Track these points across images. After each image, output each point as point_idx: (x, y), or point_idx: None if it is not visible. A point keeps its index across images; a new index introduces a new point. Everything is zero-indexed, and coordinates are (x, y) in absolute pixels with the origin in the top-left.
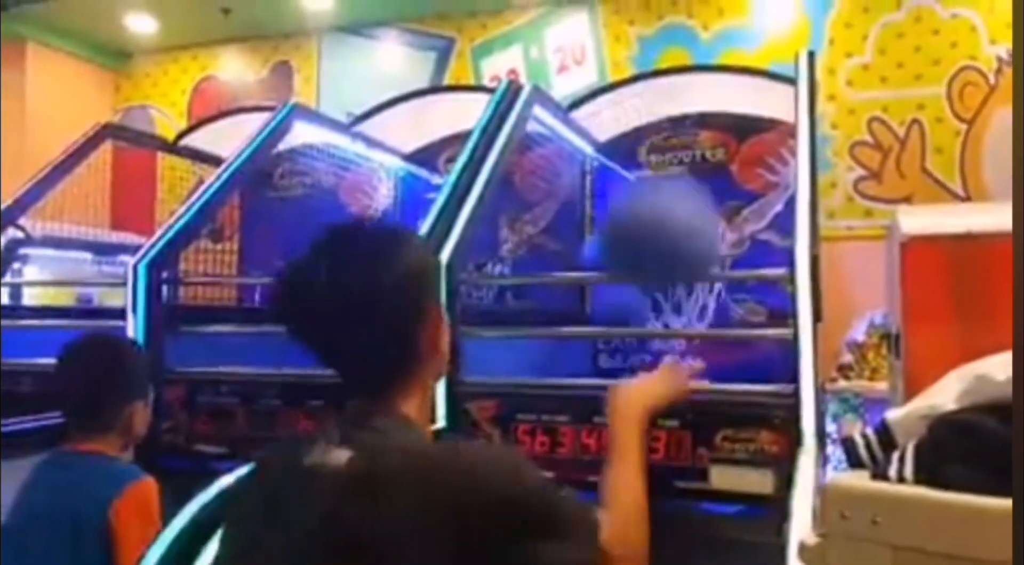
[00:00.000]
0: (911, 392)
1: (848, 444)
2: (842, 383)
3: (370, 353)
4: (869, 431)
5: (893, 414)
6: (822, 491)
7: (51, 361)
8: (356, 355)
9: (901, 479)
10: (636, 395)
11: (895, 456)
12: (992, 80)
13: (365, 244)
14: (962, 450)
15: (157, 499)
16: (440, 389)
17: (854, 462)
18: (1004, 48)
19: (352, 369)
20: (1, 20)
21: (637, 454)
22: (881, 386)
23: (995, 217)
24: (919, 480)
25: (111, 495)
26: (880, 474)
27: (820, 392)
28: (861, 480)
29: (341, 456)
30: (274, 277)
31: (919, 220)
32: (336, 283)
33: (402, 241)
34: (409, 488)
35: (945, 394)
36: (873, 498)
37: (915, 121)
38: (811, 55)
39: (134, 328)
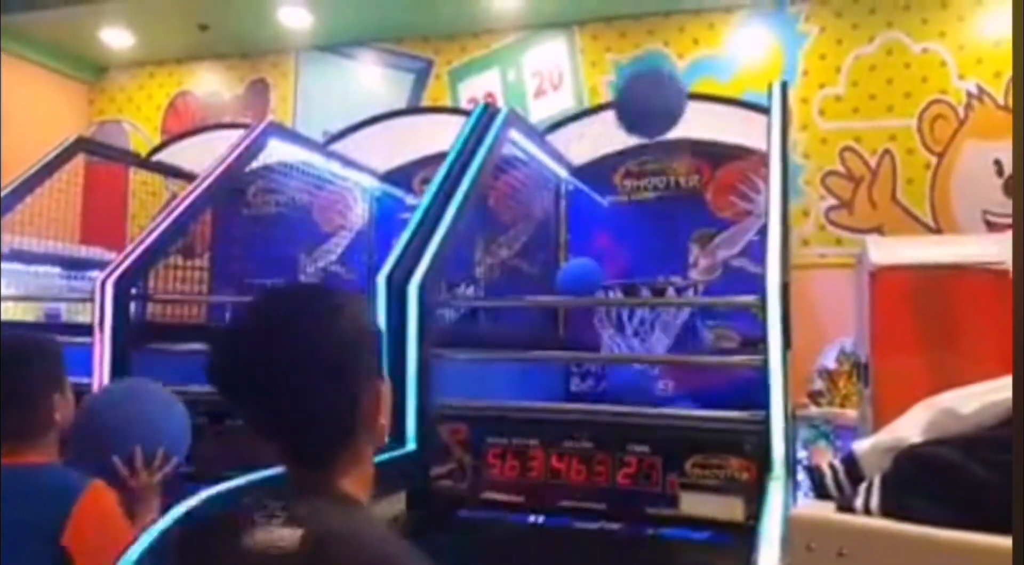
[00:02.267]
0: (879, 419)
1: (815, 475)
2: (813, 409)
3: (307, 424)
4: (837, 462)
5: (860, 446)
6: (788, 523)
7: None
8: (292, 426)
9: (867, 511)
10: None
11: (862, 488)
12: (961, 114)
13: (304, 311)
14: (926, 484)
15: (112, 499)
16: (411, 411)
17: (821, 493)
18: (974, 83)
19: (288, 441)
20: None
21: None
22: (852, 413)
23: (963, 249)
24: (885, 512)
25: (69, 502)
26: (846, 506)
27: (791, 419)
28: (827, 512)
29: (290, 536)
30: (208, 345)
31: (888, 250)
32: (271, 353)
33: (343, 308)
34: None
35: (911, 427)
36: (839, 530)
37: (887, 152)
38: (784, 85)
39: (100, 345)
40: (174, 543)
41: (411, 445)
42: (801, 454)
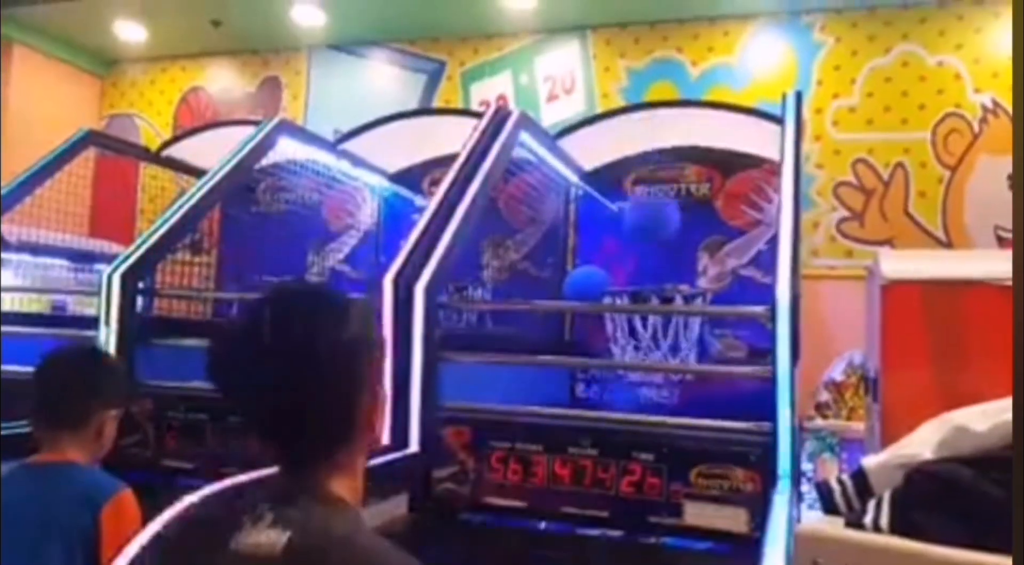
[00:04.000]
0: (888, 434)
1: (824, 490)
2: (819, 421)
3: (302, 426)
4: (845, 477)
5: (870, 461)
6: (795, 537)
7: (21, 368)
8: (287, 427)
9: (876, 528)
10: None
11: (871, 504)
12: (976, 128)
13: (309, 313)
14: (938, 502)
15: (137, 509)
16: (414, 412)
17: (829, 508)
18: (989, 96)
19: (282, 441)
20: None
21: None
22: (858, 426)
23: (976, 264)
24: (894, 529)
25: (100, 501)
26: (855, 522)
27: (797, 431)
28: (835, 527)
29: (276, 540)
30: (210, 339)
31: (900, 264)
32: (272, 352)
33: (348, 312)
34: None
35: (923, 443)
36: (848, 546)
37: (899, 165)
38: (798, 95)
39: (105, 338)
40: (164, 541)
41: (414, 447)
42: (807, 466)
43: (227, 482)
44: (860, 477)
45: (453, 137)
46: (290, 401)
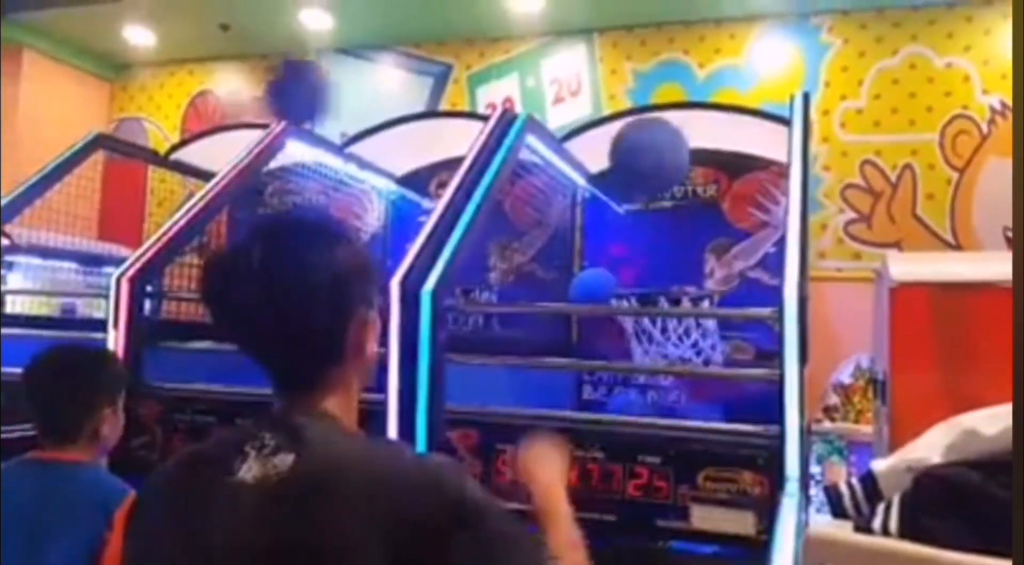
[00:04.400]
0: (896, 438)
1: (832, 493)
2: (827, 424)
3: (295, 344)
4: (854, 481)
5: (879, 465)
6: (803, 541)
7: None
8: (281, 345)
9: (886, 532)
10: (558, 471)
11: (880, 508)
12: (984, 129)
13: (300, 237)
14: (948, 506)
15: None
16: (421, 415)
17: (838, 512)
18: (997, 98)
19: (277, 360)
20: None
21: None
22: (866, 429)
23: (986, 267)
24: (904, 534)
25: (112, 506)
26: (864, 526)
27: (805, 434)
28: (844, 532)
29: (282, 463)
30: (206, 263)
31: (909, 267)
32: (264, 272)
33: (340, 236)
34: (358, 496)
35: (932, 447)
36: (857, 551)
37: (907, 166)
38: (806, 96)
39: (114, 341)
40: (167, 482)
41: (420, 449)
42: (814, 469)
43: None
44: (869, 481)
45: (460, 140)
46: (282, 319)
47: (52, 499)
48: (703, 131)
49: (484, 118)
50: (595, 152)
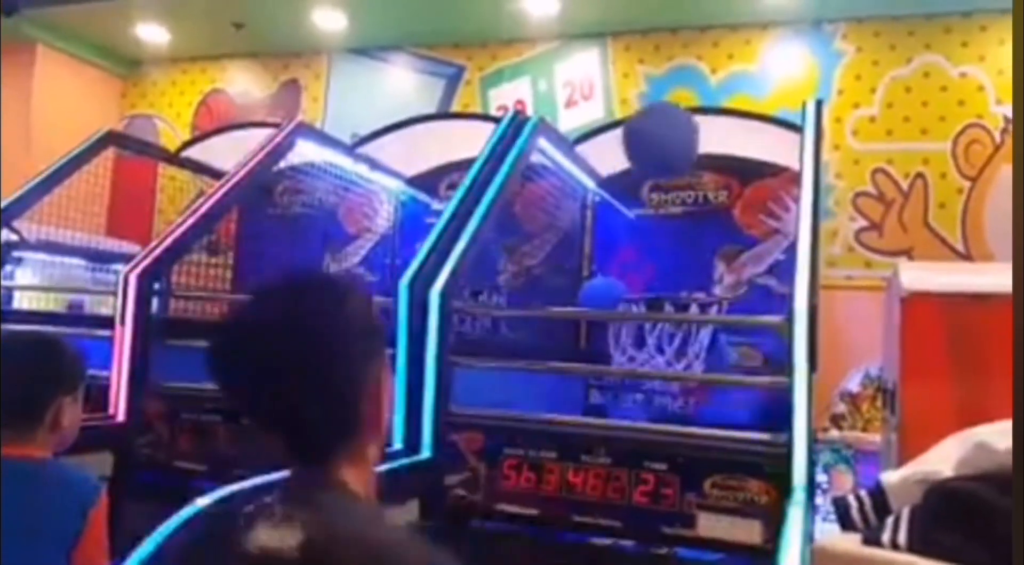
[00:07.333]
0: (905, 447)
1: (840, 506)
2: (834, 433)
3: (307, 416)
4: (863, 493)
5: (889, 477)
6: (811, 553)
7: None
8: (292, 418)
9: (894, 545)
10: None
11: (889, 521)
12: (998, 139)
13: (307, 301)
14: (959, 520)
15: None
16: (427, 417)
17: (846, 524)
18: (1011, 108)
19: (289, 433)
20: (4, 23)
21: None
22: (874, 438)
23: (997, 277)
24: (913, 547)
25: (88, 506)
26: (872, 538)
27: (812, 442)
28: (853, 544)
29: (291, 537)
30: (209, 336)
31: (921, 276)
32: (272, 343)
33: (346, 299)
34: None
35: (943, 460)
36: (865, 564)
37: (919, 175)
38: (819, 103)
39: (122, 338)
40: (177, 547)
41: (426, 453)
42: (821, 478)
43: (244, 483)
44: (878, 493)
45: (471, 142)
46: (293, 391)
47: (23, 503)
48: (714, 136)
49: (495, 120)
50: (606, 156)
